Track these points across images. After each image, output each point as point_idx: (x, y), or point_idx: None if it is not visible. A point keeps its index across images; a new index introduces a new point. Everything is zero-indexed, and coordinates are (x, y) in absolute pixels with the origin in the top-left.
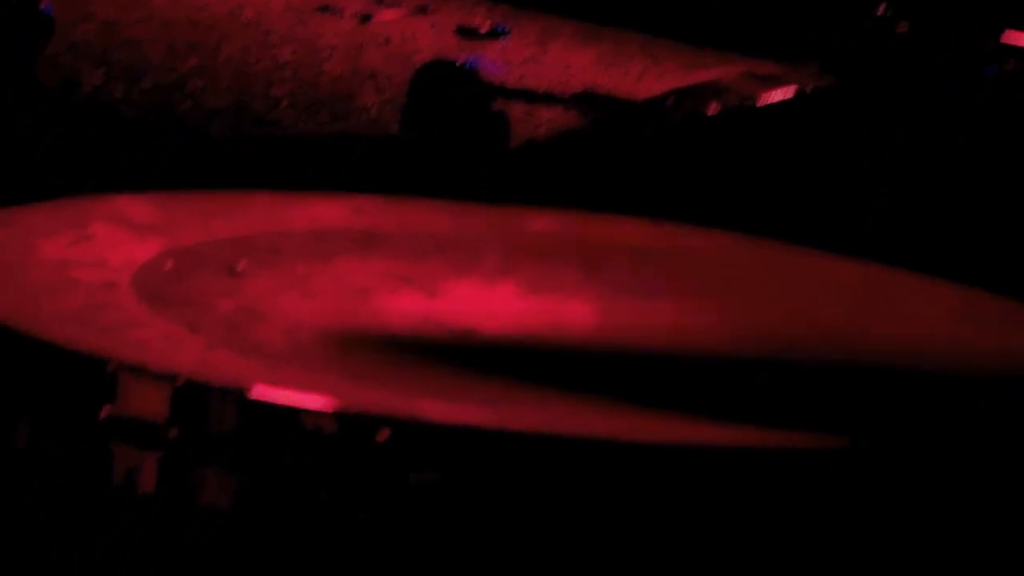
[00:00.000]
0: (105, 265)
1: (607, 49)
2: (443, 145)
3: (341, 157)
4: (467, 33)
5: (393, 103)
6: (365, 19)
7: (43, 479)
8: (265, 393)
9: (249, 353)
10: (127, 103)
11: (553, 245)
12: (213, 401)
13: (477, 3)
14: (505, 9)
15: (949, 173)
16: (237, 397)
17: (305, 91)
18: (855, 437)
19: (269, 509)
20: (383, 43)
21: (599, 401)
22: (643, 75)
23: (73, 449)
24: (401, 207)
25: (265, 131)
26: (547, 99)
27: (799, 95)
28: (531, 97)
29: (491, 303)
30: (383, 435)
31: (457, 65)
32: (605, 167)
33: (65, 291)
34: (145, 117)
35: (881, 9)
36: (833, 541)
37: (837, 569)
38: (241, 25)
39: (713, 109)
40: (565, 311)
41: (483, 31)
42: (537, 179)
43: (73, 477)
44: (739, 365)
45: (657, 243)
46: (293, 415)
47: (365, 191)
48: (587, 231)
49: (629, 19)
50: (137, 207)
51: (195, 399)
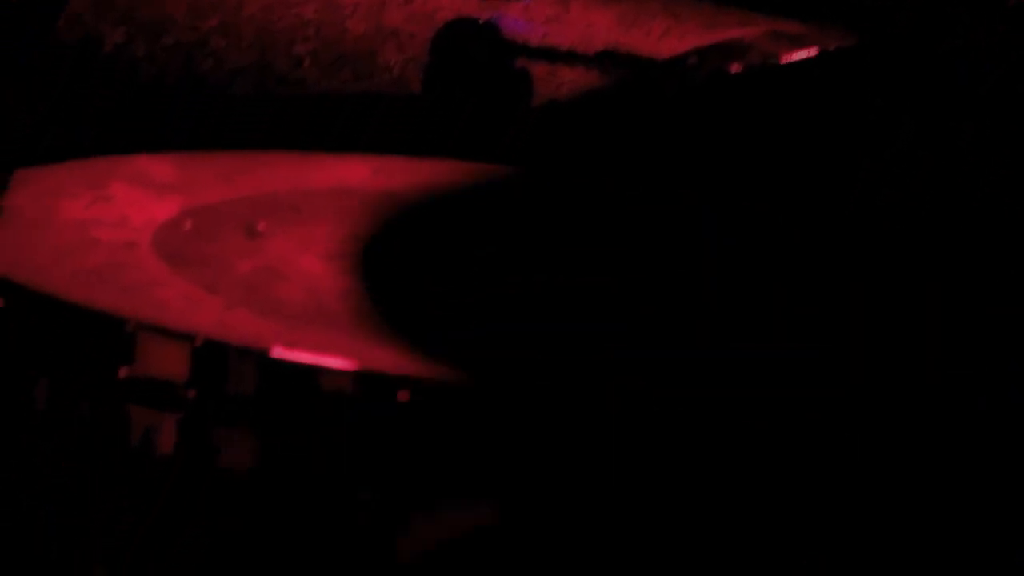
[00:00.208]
0: (125, 225)
1: (629, 8)
2: (465, 104)
3: (363, 116)
4: None
5: (415, 62)
6: None
7: (62, 440)
8: (285, 353)
9: (269, 313)
10: (148, 61)
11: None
12: (232, 362)
13: None
14: None
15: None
16: (256, 357)
17: (327, 49)
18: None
19: (289, 470)
20: (405, 1)
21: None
22: (665, 34)
23: (92, 410)
24: (422, 167)
25: (287, 90)
26: (569, 58)
27: (822, 55)
28: (553, 56)
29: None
30: (403, 395)
31: (479, 24)
32: (627, 126)
33: (85, 251)
34: (166, 76)
35: None
36: (832, 543)
37: (838, 570)
38: None
39: (736, 68)
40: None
41: None
42: (559, 138)
43: (92, 438)
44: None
45: None
46: (313, 376)
47: (386, 150)
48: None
49: None
50: (157, 167)
51: (214, 359)
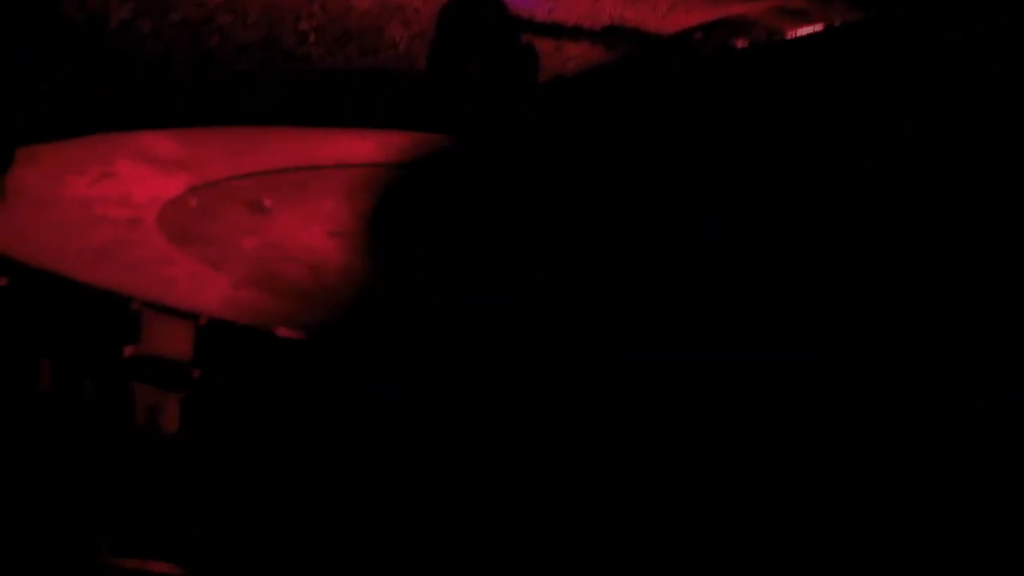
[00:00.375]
0: (131, 202)
1: None
2: (471, 80)
3: (369, 92)
4: None
5: (421, 37)
6: None
7: (66, 418)
8: (290, 332)
9: (275, 291)
10: (155, 38)
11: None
12: (238, 341)
13: None
14: None
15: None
16: (262, 336)
17: (333, 25)
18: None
19: (294, 448)
20: None
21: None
22: (671, 9)
23: (96, 389)
24: (428, 142)
25: (293, 66)
26: (575, 33)
27: (827, 30)
28: (559, 32)
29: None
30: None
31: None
32: (633, 101)
33: (90, 228)
34: (172, 52)
35: None
36: (832, 543)
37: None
38: None
39: (741, 43)
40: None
41: None
42: (565, 113)
43: (96, 417)
44: None
45: None
46: (318, 353)
47: (392, 126)
48: None
49: None
50: (163, 143)
51: (219, 338)
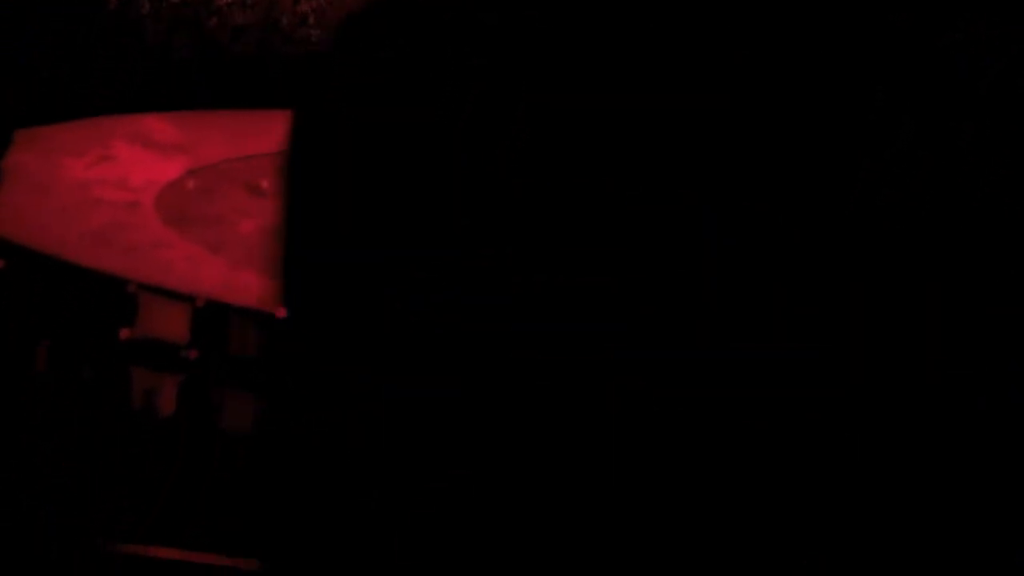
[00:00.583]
0: (129, 184)
1: None
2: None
3: None
4: None
5: None
6: None
7: (63, 400)
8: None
9: (272, 273)
10: (154, 19)
11: None
12: (235, 323)
13: None
14: None
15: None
16: (260, 319)
17: (332, 7)
18: None
19: (291, 431)
20: None
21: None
22: None
23: (93, 371)
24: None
25: (292, 48)
26: None
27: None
28: None
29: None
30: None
31: None
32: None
33: (88, 211)
34: (171, 34)
35: None
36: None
37: (838, 570)
38: None
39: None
40: None
41: None
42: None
43: (93, 399)
44: None
45: None
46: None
47: None
48: None
49: None
50: (161, 126)
51: (216, 321)
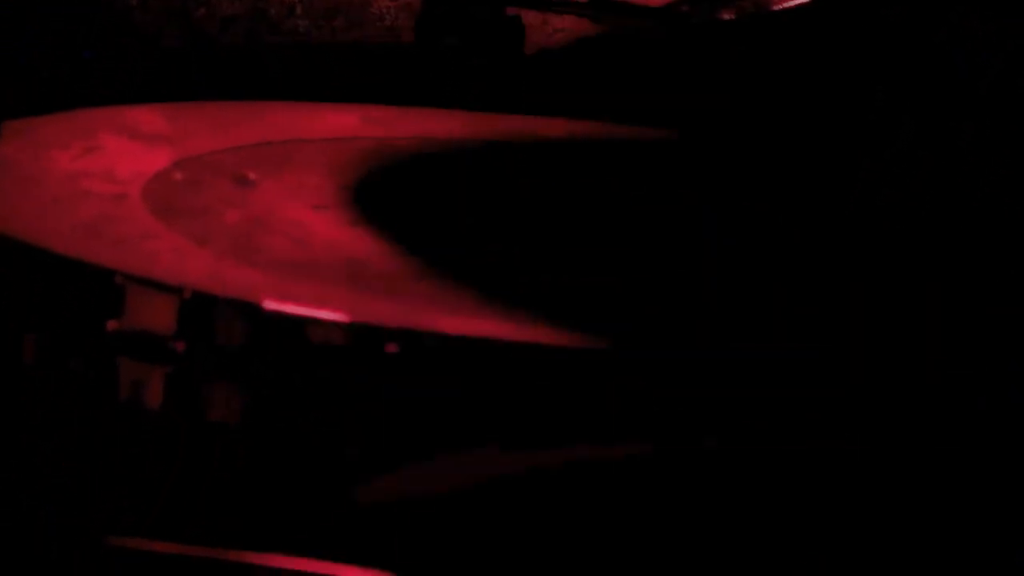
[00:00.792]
0: (115, 176)
1: None
2: (457, 53)
3: (355, 65)
4: None
5: (408, 9)
6: None
7: (50, 393)
8: (275, 306)
9: (259, 265)
10: (141, 9)
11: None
12: (221, 314)
13: None
14: None
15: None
16: (246, 310)
17: None
18: None
19: (278, 424)
20: None
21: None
22: None
23: (80, 364)
24: (414, 116)
25: (279, 39)
26: (561, 6)
27: (816, 1)
28: (546, 4)
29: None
30: (392, 348)
31: None
32: (619, 74)
33: (75, 203)
34: (159, 24)
35: None
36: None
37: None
38: None
39: (728, 15)
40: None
41: None
42: (551, 87)
43: (80, 392)
44: None
45: None
46: (303, 328)
47: (378, 100)
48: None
49: None
50: (147, 117)
51: (203, 312)
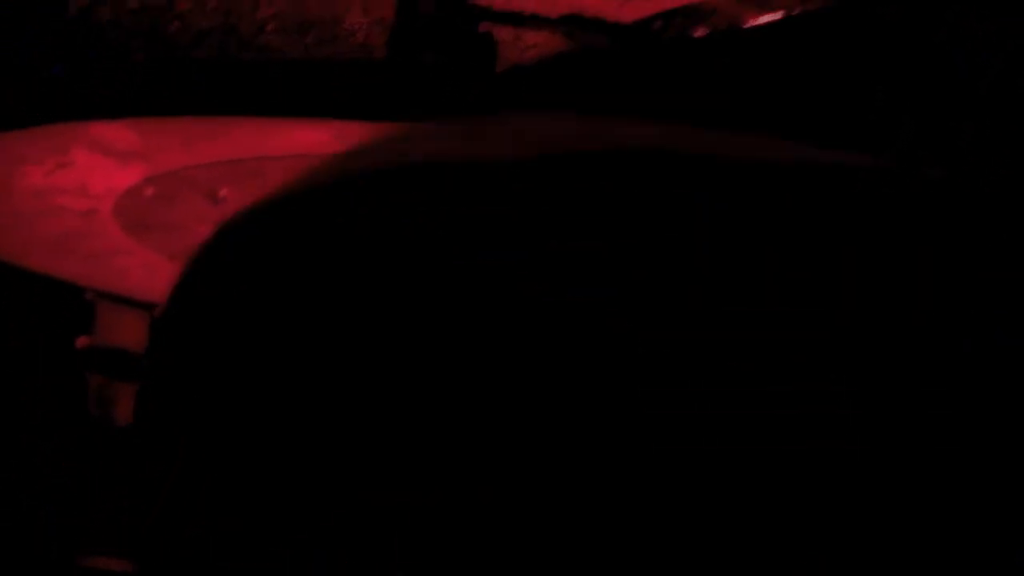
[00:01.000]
0: (87, 192)
1: None
2: (429, 69)
3: (327, 81)
4: None
5: (380, 25)
6: None
7: (19, 409)
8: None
9: None
10: (114, 26)
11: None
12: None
13: None
14: None
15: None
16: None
17: (292, 13)
18: None
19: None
20: None
21: None
22: None
23: (49, 379)
24: (384, 132)
25: (250, 55)
26: (533, 22)
27: (787, 19)
28: (518, 20)
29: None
30: None
31: None
32: (592, 90)
33: (46, 218)
34: (131, 39)
35: None
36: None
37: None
38: None
39: (700, 32)
40: None
41: None
42: (523, 103)
43: (49, 408)
44: None
45: None
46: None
47: (350, 116)
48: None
49: None
50: (119, 133)
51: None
